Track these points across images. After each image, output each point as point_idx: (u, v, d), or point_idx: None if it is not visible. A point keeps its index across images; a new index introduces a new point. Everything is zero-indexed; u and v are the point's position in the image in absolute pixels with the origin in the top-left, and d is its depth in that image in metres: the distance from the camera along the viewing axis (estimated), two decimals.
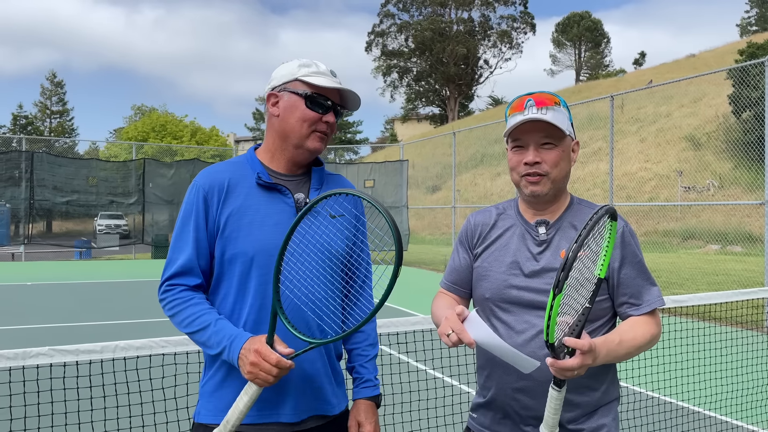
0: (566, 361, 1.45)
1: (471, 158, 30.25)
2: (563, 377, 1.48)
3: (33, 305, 10.30)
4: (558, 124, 1.69)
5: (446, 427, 3.94)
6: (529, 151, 1.72)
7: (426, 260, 18.00)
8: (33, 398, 2.60)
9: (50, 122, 52.12)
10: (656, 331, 1.70)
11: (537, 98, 1.72)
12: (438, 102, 66.05)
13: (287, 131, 1.80)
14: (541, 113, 1.69)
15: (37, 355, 2.25)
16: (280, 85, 1.82)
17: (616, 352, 1.59)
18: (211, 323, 1.67)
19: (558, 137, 1.71)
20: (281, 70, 1.85)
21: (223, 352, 1.65)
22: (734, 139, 18.87)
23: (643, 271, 1.74)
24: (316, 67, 1.82)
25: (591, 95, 34.05)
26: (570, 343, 1.45)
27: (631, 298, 1.71)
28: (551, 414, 1.55)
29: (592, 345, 1.47)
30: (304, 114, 1.78)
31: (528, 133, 1.71)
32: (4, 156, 19.78)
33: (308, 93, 1.78)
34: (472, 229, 1.89)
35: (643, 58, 66.13)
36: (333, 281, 1.79)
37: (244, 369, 1.60)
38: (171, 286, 1.74)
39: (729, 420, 4.61)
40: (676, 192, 20.20)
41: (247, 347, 1.60)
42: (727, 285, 11.44)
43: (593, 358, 1.49)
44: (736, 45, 32.97)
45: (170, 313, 1.74)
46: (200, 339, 1.70)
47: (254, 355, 1.57)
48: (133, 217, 21.37)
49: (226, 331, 1.66)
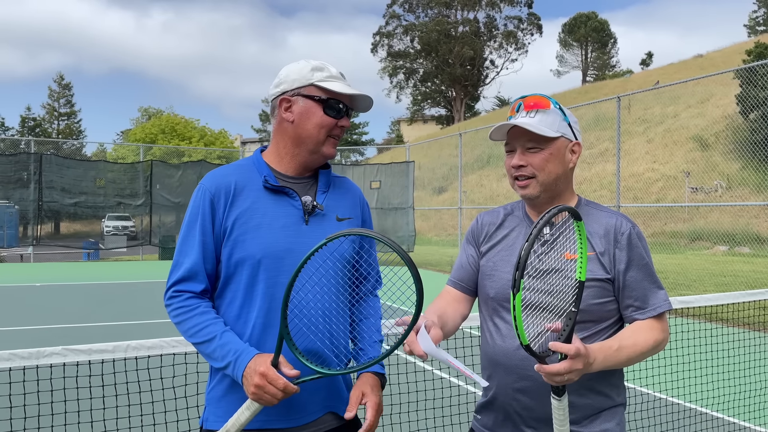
0: (552, 366, 1.44)
1: (477, 159, 30.23)
2: (553, 383, 1.47)
3: (42, 306, 10.37)
4: (541, 128, 1.70)
5: (452, 427, 3.96)
6: (516, 154, 1.76)
7: (432, 261, 18.01)
8: (47, 397, 2.64)
9: (58, 124, 52.42)
10: (661, 337, 1.68)
11: (527, 101, 1.76)
12: (444, 103, 66.03)
13: (303, 137, 1.78)
14: (529, 117, 1.73)
15: (50, 355, 2.28)
16: (293, 90, 1.79)
17: (615, 358, 1.58)
18: (217, 335, 1.66)
19: (542, 140, 1.73)
20: (292, 73, 1.81)
21: (227, 367, 1.64)
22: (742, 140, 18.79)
23: (649, 274, 1.73)
24: (329, 71, 1.80)
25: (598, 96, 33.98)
26: (556, 347, 1.44)
27: (636, 302, 1.71)
28: (558, 427, 1.53)
29: (581, 350, 1.46)
30: (322, 120, 1.77)
31: (515, 137, 1.76)
32: (13, 158, 19.91)
33: (325, 99, 1.77)
34: (479, 228, 1.92)
35: (651, 58, 65.93)
36: (341, 306, 1.78)
37: (248, 389, 1.59)
38: (177, 293, 1.72)
39: (737, 421, 4.60)
40: (683, 193, 20.13)
41: (253, 367, 1.59)
42: (735, 286, 11.39)
43: (584, 363, 1.47)
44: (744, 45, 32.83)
45: (176, 320, 1.72)
46: (205, 350, 1.68)
47: (259, 378, 1.56)
48: (141, 219, 21.49)
49: (231, 346, 1.64)
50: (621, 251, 1.71)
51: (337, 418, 1.80)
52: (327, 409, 1.78)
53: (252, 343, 1.71)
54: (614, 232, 1.72)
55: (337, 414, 1.80)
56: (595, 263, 1.70)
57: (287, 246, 1.72)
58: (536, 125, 1.71)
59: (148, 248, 20.78)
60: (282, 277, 1.71)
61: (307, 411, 1.72)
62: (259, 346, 1.70)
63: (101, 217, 23.32)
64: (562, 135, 1.75)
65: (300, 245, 1.73)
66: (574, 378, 1.47)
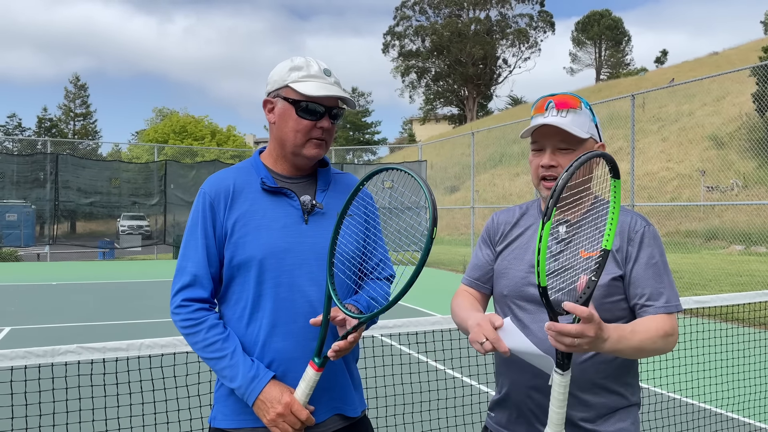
0: (565, 325, 1.40)
1: (490, 158, 30.11)
2: (561, 346, 1.42)
3: (58, 304, 10.48)
4: (575, 128, 1.68)
5: (464, 427, 3.95)
6: (546, 154, 1.73)
7: (444, 261, 17.95)
8: (62, 394, 2.67)
9: (74, 125, 52.97)
10: (671, 330, 1.63)
11: (558, 100, 1.72)
12: (456, 102, 65.85)
13: (283, 139, 1.77)
14: (560, 116, 1.70)
15: (65, 353, 2.31)
16: (274, 91, 1.78)
17: (628, 340, 1.54)
18: (228, 354, 1.67)
19: (575, 141, 1.71)
20: (275, 73, 1.79)
21: (238, 389, 1.66)
22: (758, 138, 18.54)
23: (659, 273, 1.69)
24: (307, 69, 1.75)
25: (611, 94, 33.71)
26: (569, 307, 1.40)
27: (641, 299, 1.68)
28: (556, 408, 1.49)
29: (595, 315, 1.41)
30: (297, 123, 1.74)
31: (545, 137, 1.73)
32: (30, 158, 20.16)
33: (297, 101, 1.73)
34: (495, 227, 1.91)
35: (665, 56, 65.26)
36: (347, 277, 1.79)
37: (266, 416, 1.63)
38: (185, 303, 1.71)
39: (752, 422, 4.55)
40: (698, 192, 19.91)
41: (276, 397, 1.63)
42: (751, 286, 11.26)
43: (596, 332, 1.42)
44: (760, 42, 32.40)
45: (184, 332, 1.73)
46: (214, 366, 1.70)
47: (283, 408, 1.62)
48: (155, 218, 21.66)
49: (241, 368, 1.66)
50: (633, 248, 1.69)
51: (344, 420, 1.80)
52: (334, 410, 1.78)
53: (259, 343, 1.71)
54: (628, 230, 1.71)
55: (344, 415, 1.80)
56: (609, 260, 1.68)
57: (287, 246, 1.73)
58: (570, 126, 1.69)
59: (163, 247, 20.94)
60: (284, 277, 1.71)
61: (314, 412, 1.72)
62: (266, 345, 1.70)
63: (116, 216, 23.52)
64: (591, 136, 1.73)
65: (300, 245, 1.73)
66: (584, 346, 1.43)
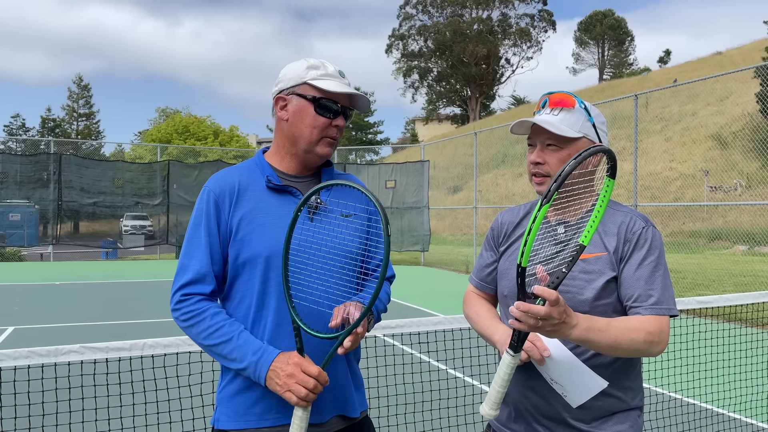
0: (532, 305, 1.41)
1: (492, 158, 30.09)
2: (525, 325, 1.43)
3: (61, 304, 10.51)
4: (562, 127, 1.68)
5: (466, 427, 3.95)
6: (536, 150, 1.75)
7: (447, 261, 17.94)
8: (65, 394, 2.68)
9: (77, 125, 53.07)
10: (656, 332, 1.57)
11: (553, 98, 1.74)
12: (459, 102, 65.84)
13: (297, 136, 1.78)
14: (552, 114, 1.71)
15: (68, 353, 2.32)
16: (288, 88, 1.79)
17: (600, 332, 1.51)
18: (234, 336, 1.65)
19: (562, 140, 1.71)
20: (289, 71, 1.81)
21: (248, 368, 1.63)
22: (762, 138, 18.49)
23: (653, 273, 1.66)
24: (324, 68, 1.78)
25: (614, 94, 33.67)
26: (538, 291, 1.41)
27: (629, 300, 1.65)
28: (498, 387, 1.50)
29: (561, 299, 1.43)
30: (314, 120, 1.76)
31: (536, 133, 1.75)
32: (33, 158, 20.19)
33: (317, 97, 1.75)
34: (498, 228, 1.92)
35: (668, 56, 65.15)
36: (348, 279, 1.77)
37: (277, 383, 1.59)
38: (185, 296, 1.70)
39: (755, 422, 4.54)
40: (702, 192, 19.87)
41: (284, 360, 1.61)
42: (755, 286, 11.23)
43: (560, 315, 1.42)
44: (764, 42, 32.31)
45: (186, 324, 1.69)
46: (221, 352, 1.66)
47: (293, 367, 1.58)
48: (158, 218, 21.68)
49: (250, 346, 1.64)
50: (627, 249, 1.68)
51: (345, 420, 1.80)
52: (336, 411, 1.78)
53: (265, 341, 1.70)
54: (626, 231, 1.70)
55: (345, 416, 1.80)
56: (605, 262, 1.67)
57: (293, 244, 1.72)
58: (557, 124, 1.69)
59: (165, 247, 20.97)
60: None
61: (315, 410, 1.71)
62: (272, 343, 1.70)
63: (119, 216, 23.57)
64: (584, 136, 1.71)
65: (305, 243, 1.73)
66: (547, 329, 1.44)
